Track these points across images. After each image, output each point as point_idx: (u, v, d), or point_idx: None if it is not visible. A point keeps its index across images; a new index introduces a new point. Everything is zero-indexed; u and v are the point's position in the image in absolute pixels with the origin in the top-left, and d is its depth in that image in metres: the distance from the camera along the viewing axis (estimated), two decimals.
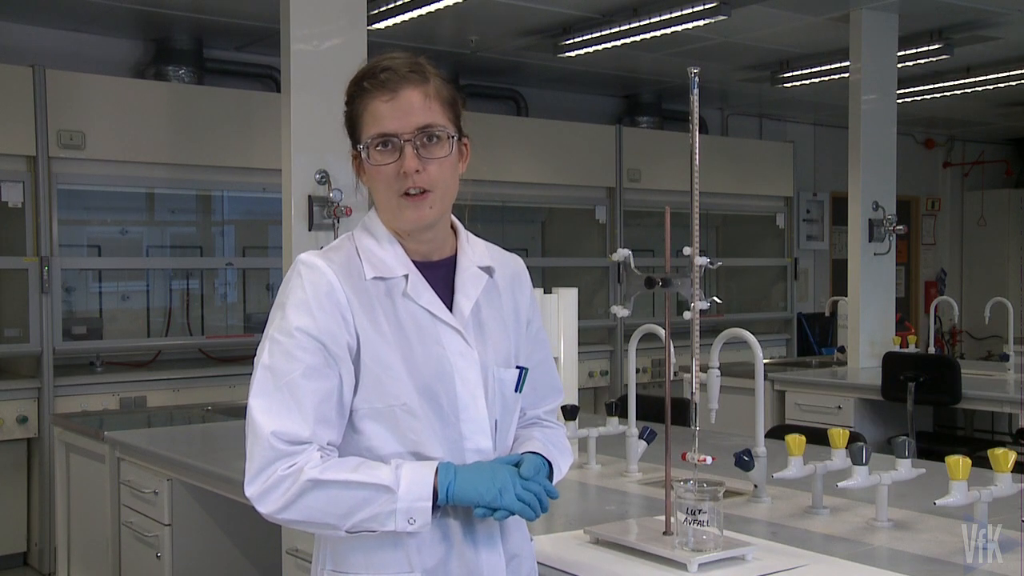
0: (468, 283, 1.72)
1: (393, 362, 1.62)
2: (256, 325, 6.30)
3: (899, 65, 6.30)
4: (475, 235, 1.80)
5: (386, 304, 1.64)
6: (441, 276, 1.70)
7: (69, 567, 4.02)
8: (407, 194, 1.63)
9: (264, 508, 1.56)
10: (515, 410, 1.76)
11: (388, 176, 1.63)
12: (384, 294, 1.65)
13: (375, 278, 1.65)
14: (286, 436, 1.55)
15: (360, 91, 1.65)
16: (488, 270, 1.75)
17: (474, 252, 1.75)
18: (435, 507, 1.57)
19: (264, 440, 1.54)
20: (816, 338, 8.70)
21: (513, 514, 1.61)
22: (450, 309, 1.68)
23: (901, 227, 6.17)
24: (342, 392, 1.60)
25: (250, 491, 1.56)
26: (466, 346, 1.67)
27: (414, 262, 1.68)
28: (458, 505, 1.61)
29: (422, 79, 1.64)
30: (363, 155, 1.65)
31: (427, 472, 1.58)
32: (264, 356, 1.60)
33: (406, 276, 1.66)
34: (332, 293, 1.61)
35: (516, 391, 1.74)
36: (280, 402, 1.56)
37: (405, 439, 1.62)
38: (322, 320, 1.59)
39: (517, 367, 1.74)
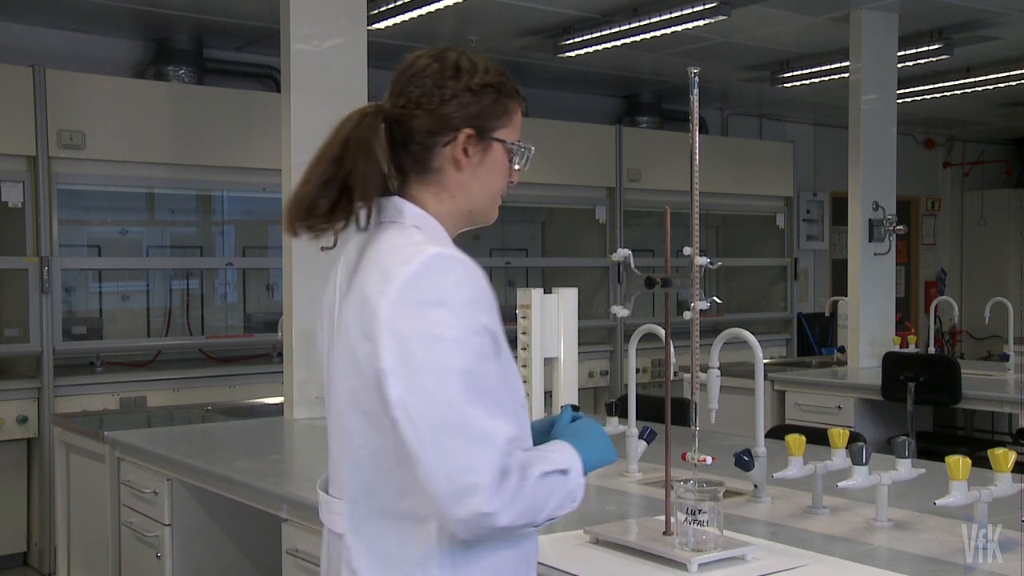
0: None
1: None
2: (256, 325, 6.31)
3: (899, 65, 6.30)
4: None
5: None
6: None
7: (69, 567, 4.02)
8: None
9: (505, 520, 1.42)
10: None
11: (506, 177, 1.68)
12: None
13: None
14: (513, 440, 1.45)
15: (515, 93, 1.67)
16: None
17: None
18: None
19: (501, 447, 1.41)
20: (816, 338, 8.71)
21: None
22: None
23: (901, 227, 6.17)
24: None
25: (493, 505, 1.40)
26: None
27: None
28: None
29: None
30: (504, 149, 1.65)
31: (568, 448, 1.56)
32: (458, 359, 1.43)
33: None
34: (489, 287, 1.52)
35: None
36: (493, 405, 1.44)
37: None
38: (496, 316, 1.51)
39: None
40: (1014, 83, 7.81)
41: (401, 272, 1.47)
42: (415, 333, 1.44)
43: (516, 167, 1.68)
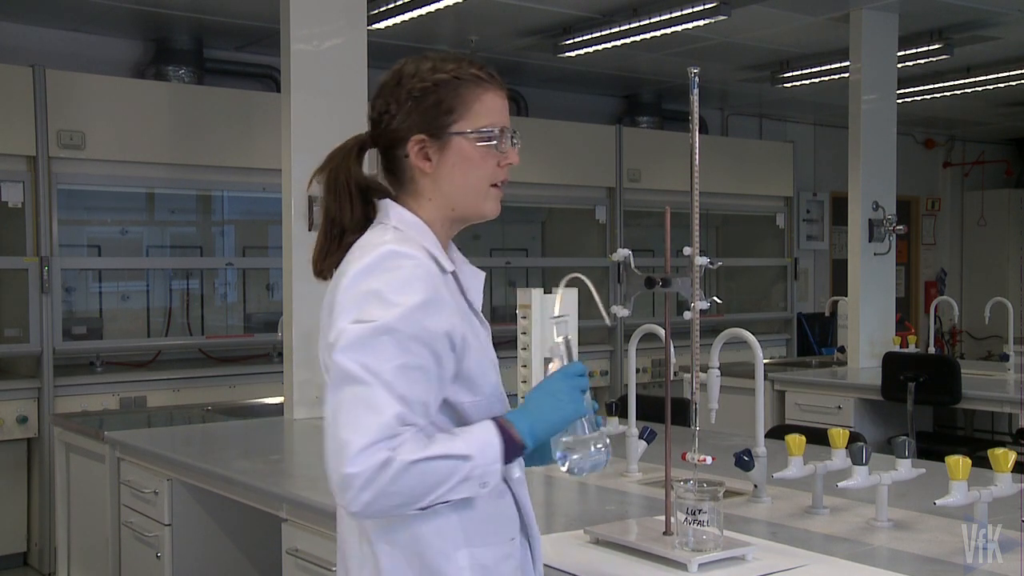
0: (471, 278, 1.75)
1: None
2: (256, 325, 6.31)
3: (899, 65, 6.29)
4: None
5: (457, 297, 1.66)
6: None
7: (69, 567, 4.02)
8: (495, 185, 1.68)
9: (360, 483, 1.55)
10: None
11: (491, 165, 1.67)
12: (455, 289, 1.67)
13: (451, 272, 1.66)
14: (401, 415, 1.54)
15: (473, 79, 1.66)
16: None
17: (456, 250, 1.79)
18: (510, 460, 1.57)
19: (387, 419, 1.55)
20: (816, 338, 8.70)
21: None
22: None
23: (901, 227, 6.17)
24: None
25: (354, 468, 1.55)
26: (489, 340, 1.71)
27: None
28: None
29: None
30: (471, 139, 1.64)
31: (490, 431, 1.55)
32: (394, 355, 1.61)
33: (454, 272, 1.68)
34: (436, 286, 1.60)
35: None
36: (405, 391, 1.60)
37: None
38: (443, 315, 1.60)
39: None
40: (1014, 83, 7.81)
41: (358, 263, 1.57)
42: (354, 317, 1.52)
43: (499, 150, 1.66)
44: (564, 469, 1.63)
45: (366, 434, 1.45)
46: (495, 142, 1.65)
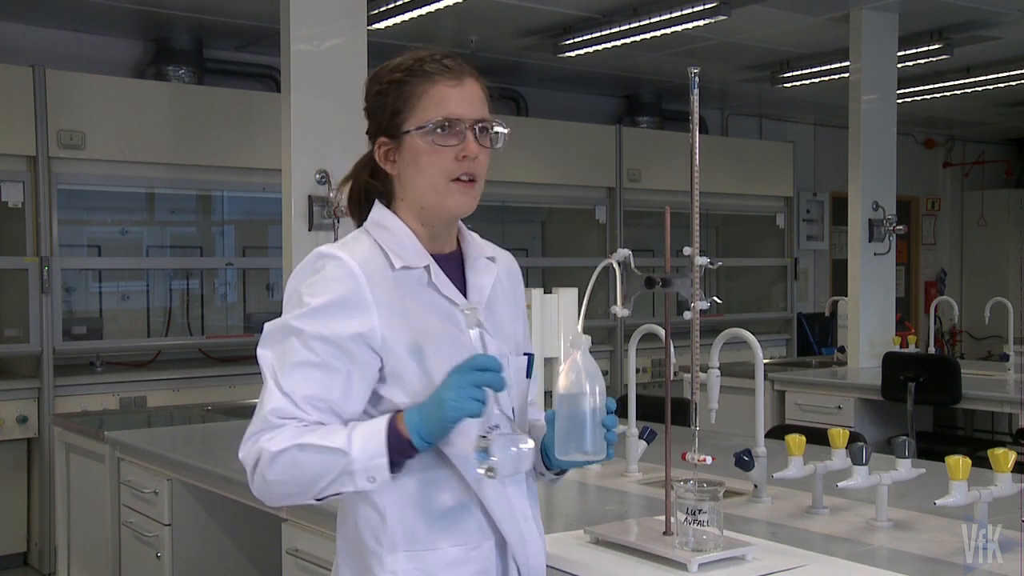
0: (480, 273, 1.74)
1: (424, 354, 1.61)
2: (256, 325, 6.30)
3: (899, 65, 6.29)
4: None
5: (414, 294, 1.63)
6: (452, 268, 1.71)
7: (69, 567, 4.02)
8: (459, 180, 1.64)
9: (248, 469, 1.61)
10: (527, 396, 1.77)
11: (445, 159, 1.63)
12: (414, 284, 1.64)
13: (403, 268, 1.63)
14: (278, 410, 1.62)
15: (421, 74, 1.64)
16: (493, 260, 1.78)
17: (476, 244, 1.78)
18: (408, 457, 1.53)
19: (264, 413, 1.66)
20: (816, 338, 8.70)
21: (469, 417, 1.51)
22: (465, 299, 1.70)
23: (901, 227, 6.17)
24: None
25: (241, 452, 1.63)
26: (487, 335, 1.66)
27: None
28: (437, 441, 1.54)
29: (478, 74, 1.70)
30: (417, 136, 1.62)
31: (379, 426, 1.53)
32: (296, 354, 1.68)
33: (427, 267, 1.66)
34: (356, 289, 1.59)
35: (527, 377, 1.76)
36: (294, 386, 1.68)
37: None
38: (358, 317, 1.61)
39: (525, 353, 1.77)
40: (1014, 83, 7.81)
41: (297, 266, 1.66)
42: (283, 312, 1.62)
43: (447, 144, 1.62)
44: (480, 471, 1.53)
45: (252, 425, 1.57)
46: (437, 133, 1.61)
